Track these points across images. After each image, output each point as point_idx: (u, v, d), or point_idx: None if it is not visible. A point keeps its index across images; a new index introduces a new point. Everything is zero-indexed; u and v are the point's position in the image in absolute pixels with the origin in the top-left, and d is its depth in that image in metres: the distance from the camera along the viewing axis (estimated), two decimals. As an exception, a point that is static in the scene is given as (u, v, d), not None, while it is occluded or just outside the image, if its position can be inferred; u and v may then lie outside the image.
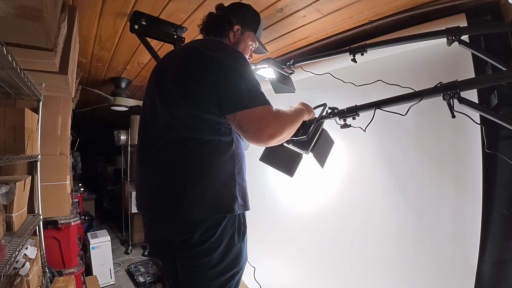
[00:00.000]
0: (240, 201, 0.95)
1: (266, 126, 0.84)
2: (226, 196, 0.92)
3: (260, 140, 0.85)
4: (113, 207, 5.17)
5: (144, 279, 2.78)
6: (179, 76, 0.93)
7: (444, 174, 1.28)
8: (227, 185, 0.92)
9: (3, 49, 0.93)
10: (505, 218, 1.10)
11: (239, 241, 0.96)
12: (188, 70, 0.92)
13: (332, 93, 1.77)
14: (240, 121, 0.86)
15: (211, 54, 0.89)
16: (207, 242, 0.90)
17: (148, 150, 0.97)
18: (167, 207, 0.91)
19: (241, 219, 0.97)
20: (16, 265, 1.29)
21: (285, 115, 0.93)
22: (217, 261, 0.92)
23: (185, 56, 0.95)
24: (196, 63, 0.90)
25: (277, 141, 0.91)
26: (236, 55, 0.93)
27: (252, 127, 0.84)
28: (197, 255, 0.92)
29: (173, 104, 0.92)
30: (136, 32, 1.44)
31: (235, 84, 0.87)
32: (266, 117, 0.84)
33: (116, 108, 2.94)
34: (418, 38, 1.12)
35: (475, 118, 0.92)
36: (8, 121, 1.36)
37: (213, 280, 0.93)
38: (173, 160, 0.91)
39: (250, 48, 1.17)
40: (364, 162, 1.60)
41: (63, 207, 2.02)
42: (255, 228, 2.31)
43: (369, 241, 1.55)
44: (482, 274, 1.14)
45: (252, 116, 0.84)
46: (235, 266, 0.96)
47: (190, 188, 0.88)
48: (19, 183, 1.32)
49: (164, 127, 0.94)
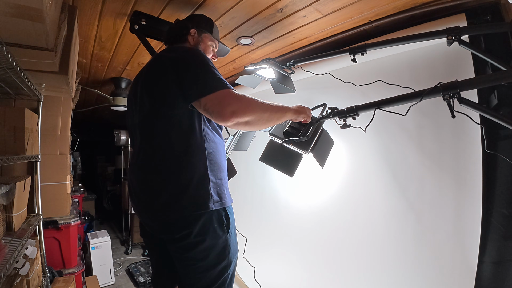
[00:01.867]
0: (216, 197, 0.99)
1: (227, 104, 0.91)
2: (200, 194, 0.97)
3: (224, 117, 0.91)
4: (113, 207, 5.17)
5: (144, 279, 2.78)
6: (147, 82, 1.05)
7: (444, 174, 1.28)
8: (200, 184, 0.97)
9: (3, 49, 0.93)
10: (505, 218, 1.10)
11: (223, 233, 1.00)
12: (152, 75, 1.04)
13: (332, 93, 1.77)
14: (205, 105, 0.93)
15: (169, 56, 1.01)
16: (189, 237, 0.96)
17: (133, 155, 1.12)
18: (147, 209, 1.03)
19: (221, 212, 1.01)
20: (16, 265, 1.29)
21: (253, 99, 0.98)
22: (204, 254, 0.97)
23: (150, 64, 1.08)
24: (158, 68, 1.02)
25: (245, 121, 0.94)
26: (191, 51, 1.04)
27: (215, 107, 0.91)
28: (183, 250, 0.98)
29: (143, 109, 1.04)
30: (136, 32, 1.44)
31: (196, 75, 0.95)
32: (226, 97, 0.92)
33: (116, 108, 2.94)
34: (418, 38, 1.12)
35: (475, 118, 0.92)
36: (8, 121, 1.36)
37: (205, 272, 0.99)
38: (147, 164, 1.02)
39: (211, 48, 1.26)
40: (364, 162, 1.60)
41: (63, 207, 2.01)
42: (255, 228, 2.31)
43: (369, 241, 1.55)
44: (482, 274, 1.14)
45: (214, 98, 0.92)
46: (224, 258, 1.01)
47: (164, 191, 0.96)
48: (19, 183, 1.32)
49: (140, 133, 1.06)
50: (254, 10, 1.39)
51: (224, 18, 1.47)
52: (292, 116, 1.13)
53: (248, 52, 1.95)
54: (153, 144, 1.00)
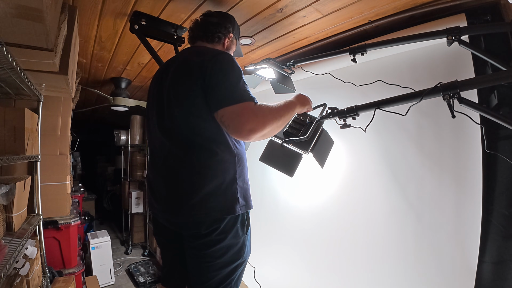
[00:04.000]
0: (242, 201, 1.01)
1: (244, 121, 0.87)
2: (228, 199, 0.97)
3: (241, 135, 0.89)
4: (113, 207, 5.17)
5: (144, 279, 2.78)
6: (173, 85, 1.01)
7: (444, 174, 1.28)
8: (229, 189, 0.98)
9: (3, 49, 0.93)
10: (505, 218, 1.10)
11: (243, 234, 1.03)
12: (180, 79, 1.00)
13: (332, 93, 1.77)
14: (222, 118, 0.90)
15: (199, 60, 0.96)
16: (213, 234, 0.97)
17: (154, 154, 1.09)
18: (173, 209, 1.00)
19: (245, 214, 1.04)
20: (16, 265, 1.29)
21: (268, 110, 0.94)
22: (223, 252, 0.99)
23: (177, 66, 1.03)
24: (186, 72, 0.98)
25: (261, 135, 0.92)
26: (223, 56, 0.97)
27: (232, 122, 0.88)
28: (204, 246, 0.99)
29: (171, 112, 1.00)
30: (136, 32, 1.44)
31: (219, 84, 0.92)
32: (244, 113, 0.88)
33: (116, 108, 2.94)
34: (418, 38, 1.12)
35: (475, 118, 0.92)
36: (8, 121, 1.36)
37: (220, 270, 1.00)
38: (178, 165, 0.99)
39: (232, 51, 1.26)
40: (364, 162, 1.60)
41: (63, 207, 2.01)
42: (255, 228, 2.30)
43: (369, 241, 1.55)
44: (482, 274, 1.14)
45: (232, 112, 0.88)
46: (239, 258, 1.03)
47: (195, 193, 0.95)
48: (19, 183, 1.33)
49: (168, 135, 1.01)
50: (254, 10, 1.39)
51: (224, 18, 1.47)
52: (299, 110, 1.13)
53: (248, 52, 1.95)
54: (183, 146, 0.97)
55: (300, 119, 1.25)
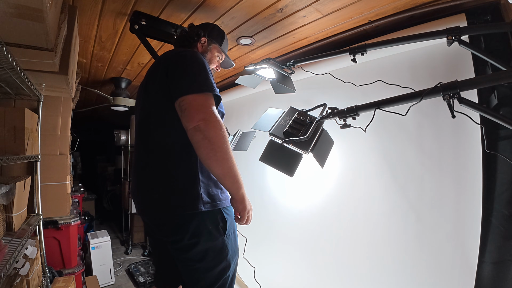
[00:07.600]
0: (206, 199, 0.97)
1: (200, 109, 0.89)
2: (189, 195, 0.95)
3: (191, 120, 0.88)
4: (113, 207, 5.16)
5: (144, 279, 2.78)
6: (146, 82, 1.08)
7: (444, 174, 1.28)
8: (189, 184, 0.96)
9: (3, 49, 0.93)
10: (505, 218, 1.10)
11: (219, 235, 0.99)
12: (152, 76, 1.05)
13: (332, 93, 1.77)
14: (180, 102, 0.92)
15: (168, 56, 1.03)
16: (184, 239, 0.96)
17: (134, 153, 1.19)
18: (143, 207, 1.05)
19: (216, 214, 0.99)
20: (16, 265, 1.29)
21: (227, 138, 0.92)
22: (201, 256, 0.97)
23: (153, 66, 1.09)
24: (158, 68, 1.03)
25: (203, 136, 0.87)
26: (186, 52, 1.02)
27: (188, 107, 0.90)
28: (179, 251, 0.99)
29: (143, 107, 1.06)
30: (136, 32, 1.44)
31: (181, 74, 0.95)
32: (201, 102, 0.91)
33: (116, 108, 2.94)
34: (418, 38, 1.12)
35: (475, 118, 0.92)
36: (8, 121, 1.36)
37: (205, 273, 0.99)
38: (142, 162, 1.04)
39: (217, 59, 1.28)
40: (364, 162, 1.60)
41: (63, 207, 2.01)
42: (255, 228, 2.30)
43: (369, 241, 1.55)
44: (482, 274, 1.14)
45: (192, 100, 0.91)
46: (222, 260, 1.00)
47: (154, 189, 0.97)
48: (19, 183, 1.32)
49: (138, 131, 1.08)
50: (254, 10, 1.39)
51: (224, 18, 1.47)
52: (237, 195, 0.96)
53: (248, 52, 1.95)
54: (147, 142, 1.03)
55: (300, 119, 1.25)
